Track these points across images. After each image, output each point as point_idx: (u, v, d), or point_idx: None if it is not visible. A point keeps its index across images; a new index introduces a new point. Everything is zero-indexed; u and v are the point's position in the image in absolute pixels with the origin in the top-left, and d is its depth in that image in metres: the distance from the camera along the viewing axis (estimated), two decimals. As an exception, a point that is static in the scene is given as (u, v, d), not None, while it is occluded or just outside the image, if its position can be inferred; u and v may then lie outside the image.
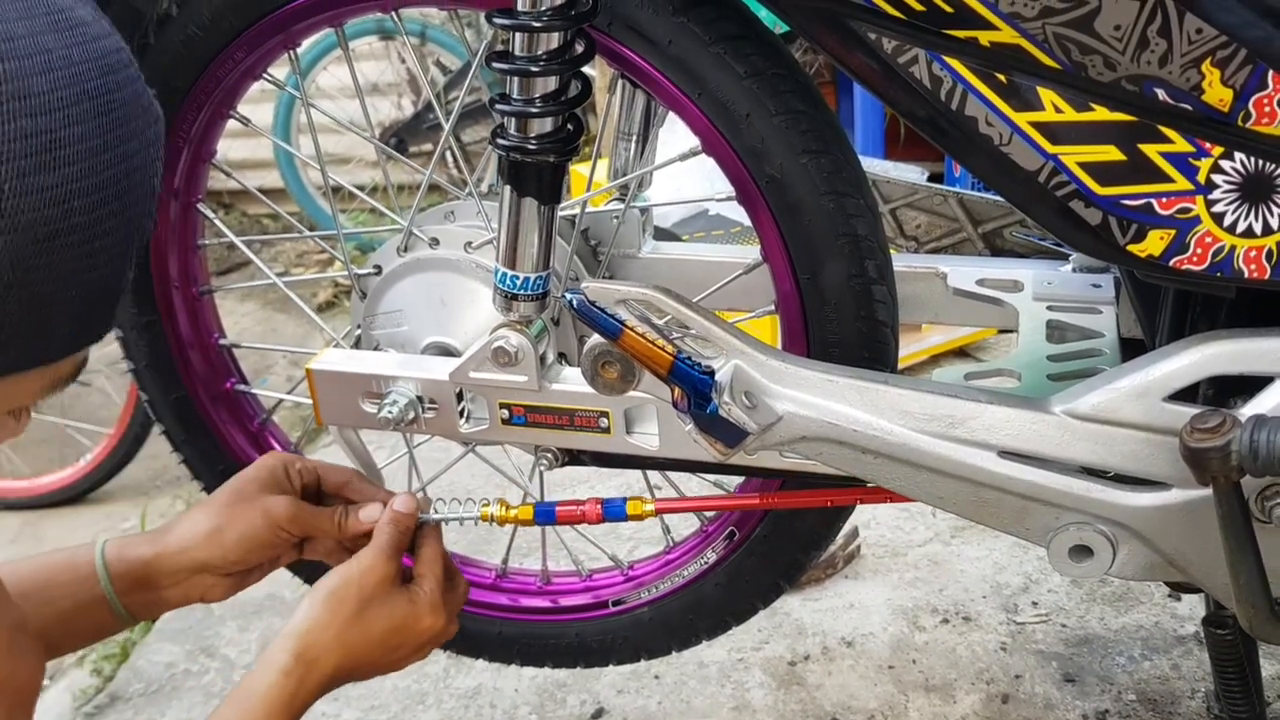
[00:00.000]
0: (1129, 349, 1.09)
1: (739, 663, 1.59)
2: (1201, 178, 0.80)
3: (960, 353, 2.35)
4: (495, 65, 0.93)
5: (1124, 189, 0.82)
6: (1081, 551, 0.92)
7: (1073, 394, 0.89)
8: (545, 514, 1.07)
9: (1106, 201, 0.82)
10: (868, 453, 0.91)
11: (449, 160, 3.09)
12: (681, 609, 1.21)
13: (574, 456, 1.10)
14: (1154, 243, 0.83)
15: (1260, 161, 0.79)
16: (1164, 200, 0.81)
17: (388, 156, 2.46)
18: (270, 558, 1.07)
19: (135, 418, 2.48)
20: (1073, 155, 0.81)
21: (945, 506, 0.93)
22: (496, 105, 0.94)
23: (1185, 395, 0.86)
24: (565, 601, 1.27)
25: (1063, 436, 0.88)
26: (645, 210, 1.21)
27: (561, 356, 1.11)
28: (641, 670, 1.57)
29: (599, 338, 0.91)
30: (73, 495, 2.58)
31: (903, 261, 1.19)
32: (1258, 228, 0.81)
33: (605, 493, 2.02)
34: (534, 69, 0.91)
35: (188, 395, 1.26)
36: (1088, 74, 0.79)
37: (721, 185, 1.02)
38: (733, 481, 1.21)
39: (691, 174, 1.32)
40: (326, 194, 3.11)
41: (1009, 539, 1.23)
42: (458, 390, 1.06)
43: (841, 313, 0.99)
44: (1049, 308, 1.17)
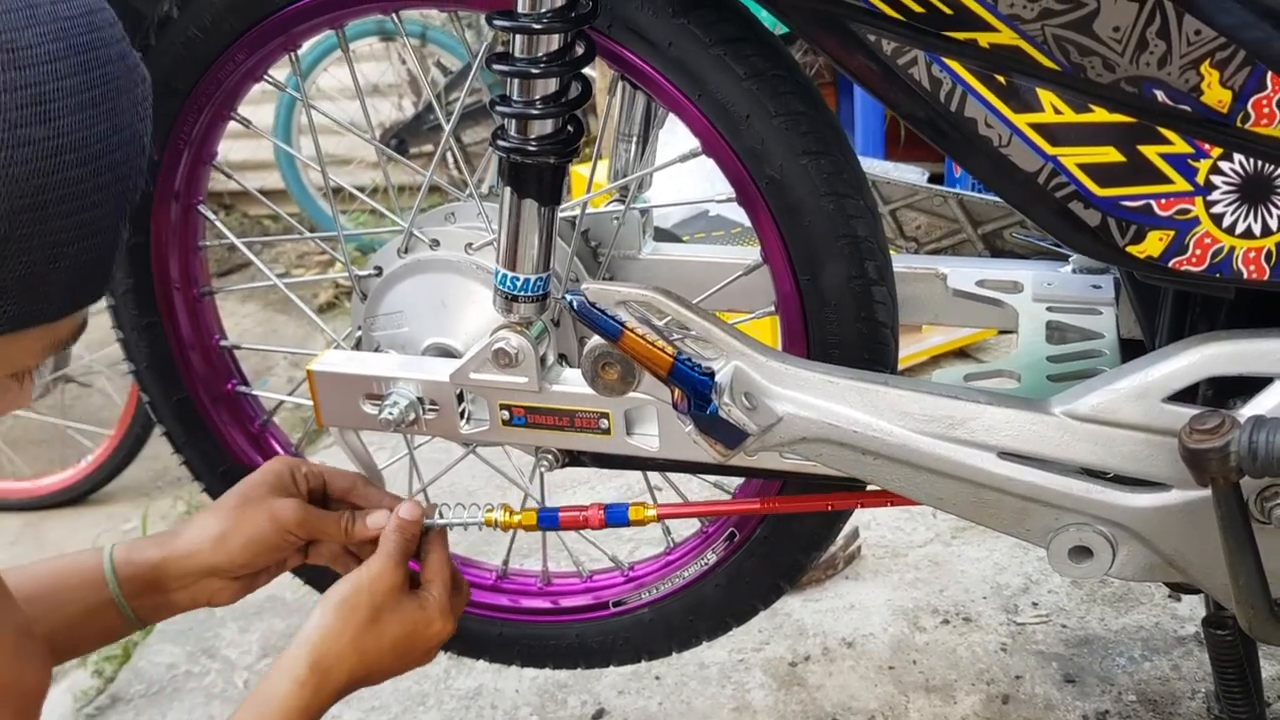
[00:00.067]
0: (1129, 350, 1.09)
1: (739, 663, 1.59)
2: (1200, 179, 0.80)
3: (960, 353, 2.35)
4: (495, 67, 0.93)
5: (1123, 190, 0.82)
6: (1081, 552, 0.92)
7: (1072, 395, 0.89)
8: (548, 519, 1.08)
9: (1106, 203, 0.82)
10: (867, 454, 0.91)
11: (449, 161, 3.09)
12: (682, 610, 1.21)
13: (574, 457, 1.10)
14: (1153, 244, 0.83)
15: (1259, 163, 0.79)
16: (1163, 201, 0.82)
17: (388, 158, 2.46)
18: (276, 561, 1.08)
19: (136, 419, 2.49)
20: (1072, 156, 0.81)
21: (945, 507, 0.93)
22: (497, 107, 0.94)
23: (1185, 396, 0.86)
24: (566, 602, 1.27)
25: (1062, 437, 0.88)
26: (645, 211, 1.21)
27: (562, 358, 1.11)
28: (642, 671, 1.57)
29: (599, 339, 0.91)
30: (74, 496, 2.58)
31: (903, 262, 1.19)
32: (1257, 229, 0.81)
33: (606, 493, 2.03)
34: (534, 71, 0.91)
35: (189, 396, 1.26)
36: (1087, 75, 0.79)
37: (722, 186, 1.02)
38: (733, 482, 1.21)
39: (692, 175, 1.32)
40: (327, 195, 3.11)
41: (1009, 540, 1.23)
42: (458, 391, 1.06)
43: (841, 314, 0.99)
44: (1049, 309, 1.17)
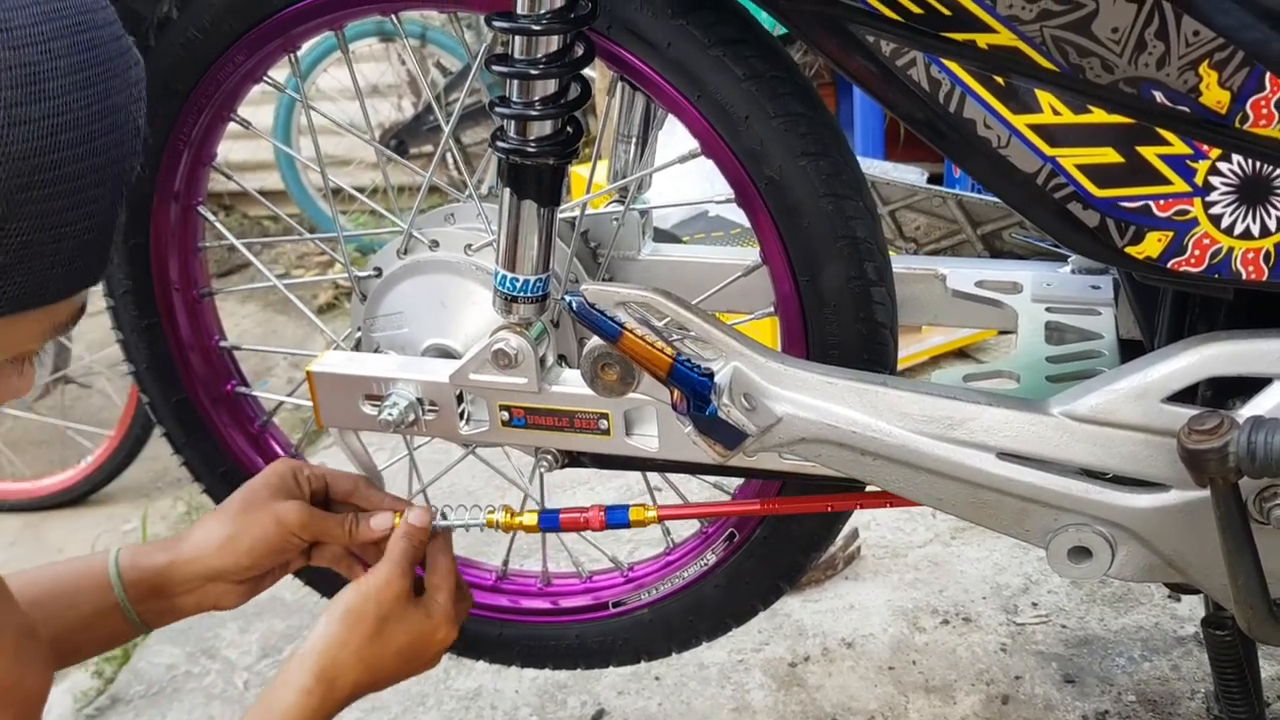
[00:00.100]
0: (1128, 350, 1.09)
1: (739, 664, 1.59)
2: (1199, 180, 0.80)
3: (960, 354, 2.36)
4: (494, 68, 0.93)
5: (1122, 191, 0.82)
6: (1080, 553, 0.92)
7: (1071, 395, 0.89)
8: (550, 521, 1.08)
9: (1104, 203, 0.82)
10: (866, 454, 0.91)
11: (449, 162, 3.09)
12: (682, 610, 1.21)
13: (574, 458, 1.10)
14: (1152, 245, 0.83)
15: (1258, 163, 0.79)
16: (1162, 202, 0.82)
17: (388, 159, 2.46)
18: (281, 563, 1.09)
19: (136, 420, 2.49)
20: (1071, 157, 0.82)
21: (944, 508, 0.93)
22: (496, 108, 0.94)
23: (1184, 396, 0.86)
24: (565, 603, 1.27)
25: (1061, 438, 0.88)
26: (645, 212, 1.21)
27: (561, 359, 1.11)
28: (642, 672, 1.57)
29: (598, 340, 0.91)
30: (74, 497, 2.58)
31: (902, 263, 1.19)
32: (1255, 229, 0.81)
33: (605, 494, 2.03)
34: (533, 72, 0.91)
35: (188, 397, 1.26)
36: (1085, 76, 0.79)
37: (721, 187, 1.02)
38: (733, 483, 1.21)
39: (692, 176, 1.32)
40: (327, 196, 3.11)
41: (1009, 540, 1.23)
42: (458, 392, 1.06)
43: (841, 314, 0.99)
44: (1048, 309, 1.17)
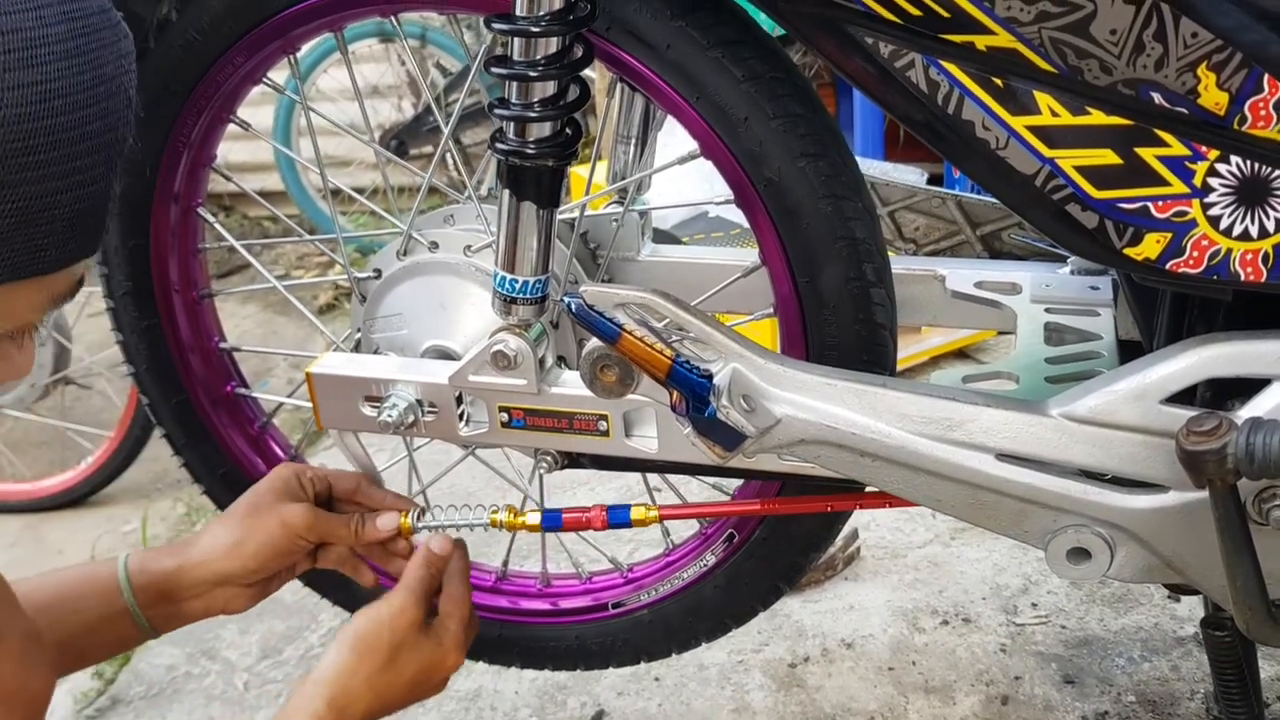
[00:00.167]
0: (1127, 351, 1.09)
1: (739, 665, 1.59)
2: (1198, 181, 0.80)
3: (959, 355, 2.36)
4: (494, 70, 0.93)
5: (1120, 192, 0.82)
6: (1079, 554, 0.92)
7: (1070, 396, 0.89)
8: (553, 520, 1.08)
9: (1103, 205, 0.82)
10: (866, 455, 0.91)
11: (449, 163, 3.09)
12: (681, 611, 1.21)
13: (573, 459, 1.10)
14: (1150, 246, 0.83)
15: (1256, 165, 0.79)
16: (1160, 204, 0.82)
17: (387, 160, 2.46)
18: (287, 565, 1.09)
19: (136, 421, 2.48)
20: (1069, 159, 0.82)
21: (943, 509, 0.93)
22: (495, 110, 0.94)
23: (1183, 398, 0.86)
24: (565, 604, 1.27)
25: (1060, 439, 0.88)
26: (644, 213, 1.22)
27: (561, 360, 1.11)
28: (641, 672, 1.57)
29: (597, 341, 0.91)
30: (74, 498, 2.58)
31: (901, 264, 1.19)
32: (1254, 231, 0.81)
33: (605, 495, 2.03)
34: (532, 74, 0.91)
35: (188, 399, 1.26)
36: (1084, 78, 0.79)
37: (721, 188, 1.02)
38: (732, 484, 1.21)
39: (692, 176, 1.32)
40: (326, 197, 3.11)
41: (1008, 541, 1.22)
42: (457, 394, 1.06)
43: (840, 315, 1.00)
44: (1047, 310, 1.17)
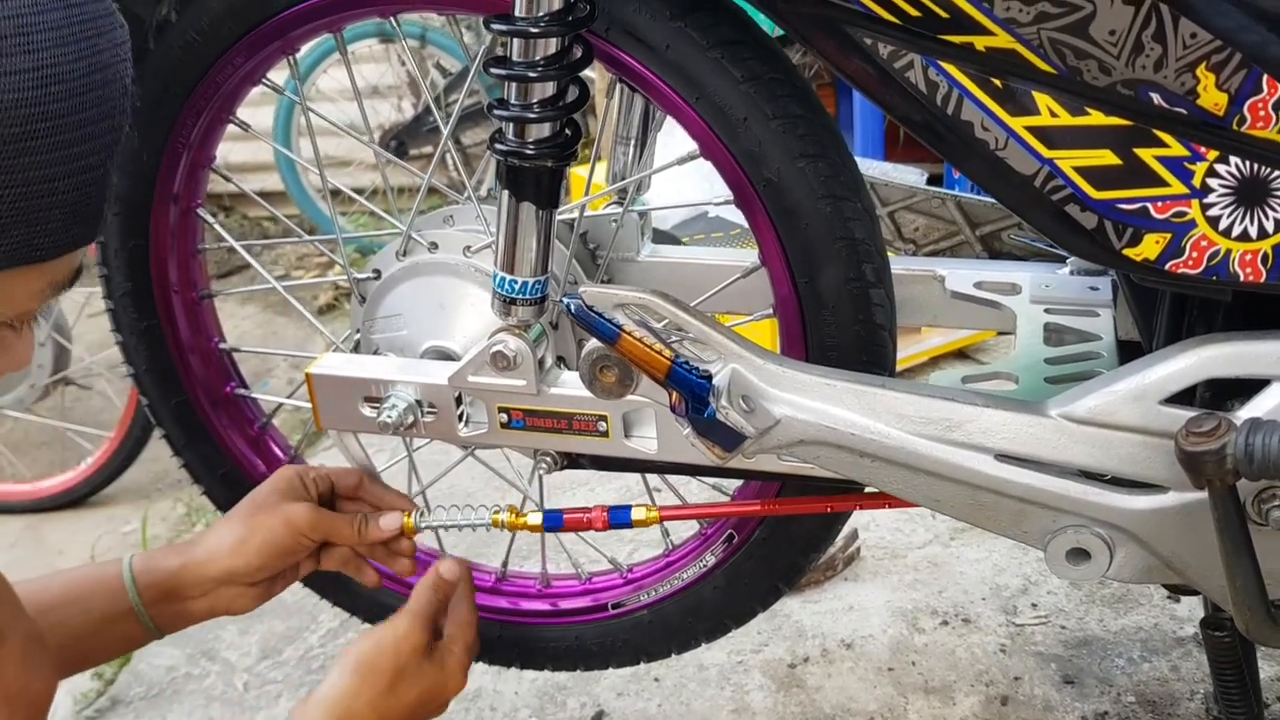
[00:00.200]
0: (1126, 352, 1.09)
1: (739, 665, 1.59)
2: (1197, 182, 0.80)
3: (959, 355, 2.36)
4: (493, 71, 0.93)
5: (1119, 193, 0.82)
6: (1079, 554, 0.92)
7: (1070, 397, 0.89)
8: (554, 520, 1.09)
9: (1102, 205, 0.82)
10: (865, 456, 0.91)
11: (449, 163, 3.09)
12: (681, 612, 1.21)
13: (573, 460, 1.10)
14: (1149, 247, 0.83)
15: (1255, 165, 0.79)
16: (1159, 204, 0.82)
17: (387, 160, 2.46)
18: (291, 564, 1.10)
19: (136, 421, 2.48)
20: (1068, 159, 0.82)
21: (943, 510, 0.93)
22: (494, 110, 0.94)
23: (1182, 398, 0.86)
24: (565, 604, 1.27)
25: (1059, 439, 0.88)
26: (644, 214, 1.21)
27: (560, 360, 1.11)
28: (641, 673, 1.57)
29: (597, 342, 0.91)
30: (74, 499, 2.58)
31: (901, 264, 1.19)
32: (1253, 231, 0.81)
33: (604, 495, 2.03)
34: (531, 75, 0.91)
35: (188, 399, 1.26)
36: (1083, 78, 0.79)
37: (721, 188, 1.02)
38: (732, 484, 1.21)
39: (691, 177, 1.32)
40: (326, 198, 3.11)
41: (1008, 541, 1.22)
42: (457, 394, 1.06)
43: (839, 316, 1.00)
44: (1046, 310, 1.17)
